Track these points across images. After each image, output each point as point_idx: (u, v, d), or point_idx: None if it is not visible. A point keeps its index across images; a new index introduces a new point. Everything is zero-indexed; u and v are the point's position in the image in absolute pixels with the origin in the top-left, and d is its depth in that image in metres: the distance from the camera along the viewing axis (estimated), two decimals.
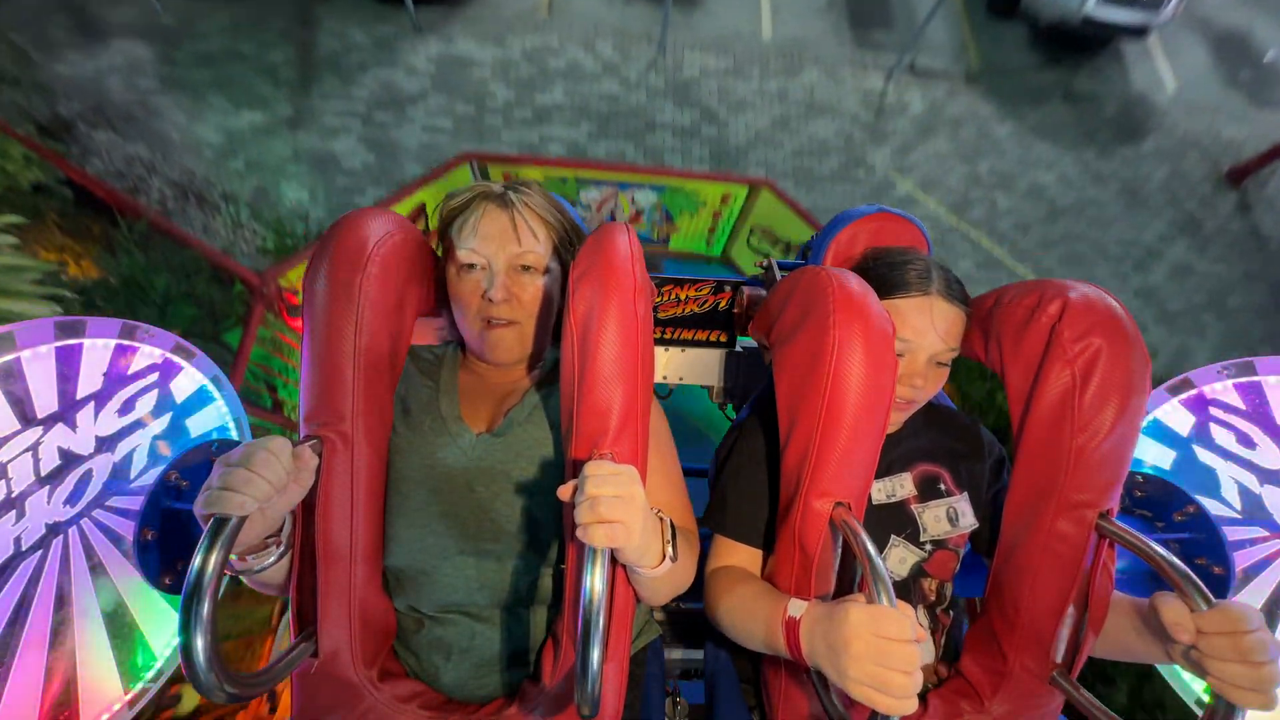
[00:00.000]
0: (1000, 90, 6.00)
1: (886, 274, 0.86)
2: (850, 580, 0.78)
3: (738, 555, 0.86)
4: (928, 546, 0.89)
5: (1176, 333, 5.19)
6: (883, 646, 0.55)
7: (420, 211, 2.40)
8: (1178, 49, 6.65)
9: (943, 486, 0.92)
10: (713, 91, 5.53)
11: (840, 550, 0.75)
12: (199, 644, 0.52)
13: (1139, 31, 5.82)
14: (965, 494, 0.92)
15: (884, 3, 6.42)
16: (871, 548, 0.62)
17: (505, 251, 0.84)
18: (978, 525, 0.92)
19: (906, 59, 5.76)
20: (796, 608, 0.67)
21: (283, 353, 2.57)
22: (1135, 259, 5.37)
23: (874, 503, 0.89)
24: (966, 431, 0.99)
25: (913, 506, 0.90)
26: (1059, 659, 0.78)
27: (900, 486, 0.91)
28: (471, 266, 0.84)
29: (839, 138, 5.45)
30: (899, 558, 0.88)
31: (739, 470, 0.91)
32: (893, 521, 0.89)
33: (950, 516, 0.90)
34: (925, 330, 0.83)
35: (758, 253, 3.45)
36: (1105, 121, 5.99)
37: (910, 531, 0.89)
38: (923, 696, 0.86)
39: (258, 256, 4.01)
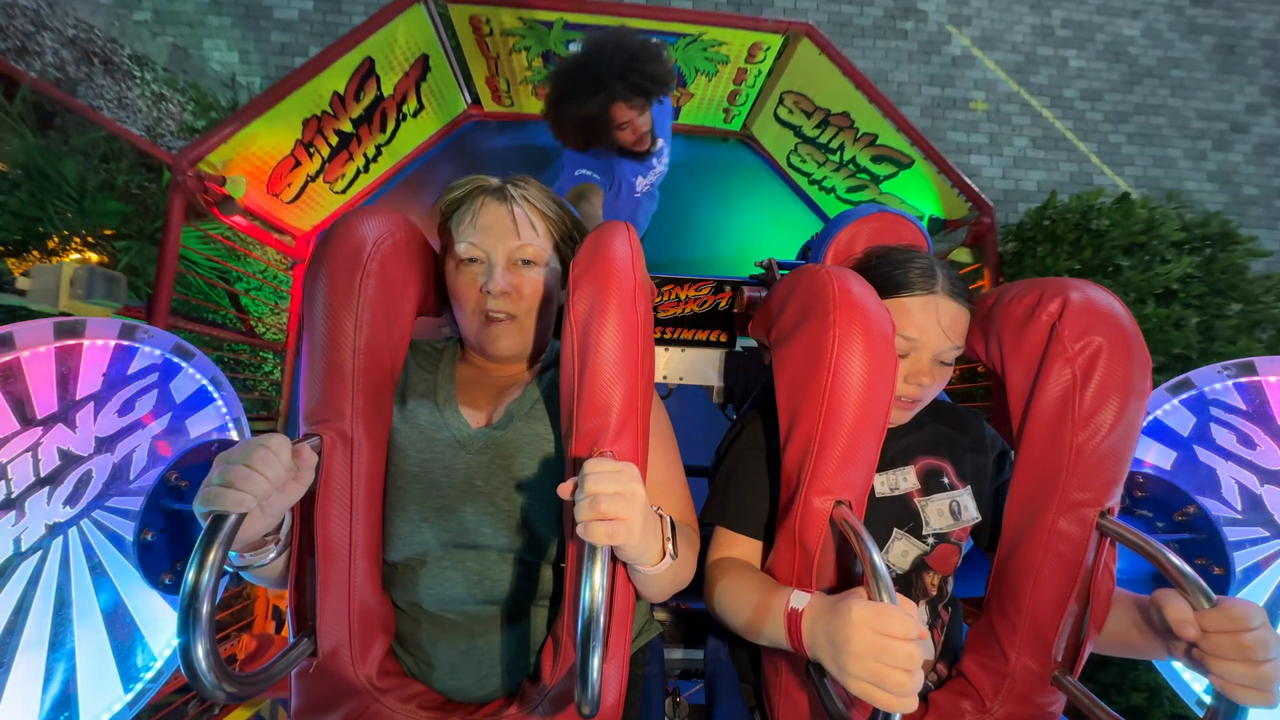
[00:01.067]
0: None
1: (890, 273, 0.86)
2: (851, 579, 0.78)
3: (738, 547, 0.86)
4: (930, 540, 0.89)
5: (1247, 223, 4.36)
6: (884, 643, 0.55)
7: (367, 67, 1.97)
8: None
9: (945, 480, 0.92)
10: None
11: (840, 548, 0.74)
12: (199, 643, 0.52)
13: None
14: (968, 487, 0.92)
15: None
16: (872, 546, 0.62)
17: (504, 245, 0.84)
18: (980, 518, 0.92)
19: None
20: (799, 599, 0.67)
21: (238, 251, 2.23)
22: (1216, 135, 4.56)
23: (876, 496, 0.89)
24: (969, 424, 0.99)
25: (915, 500, 0.90)
26: (1060, 659, 0.78)
27: (903, 480, 0.91)
28: (470, 260, 0.84)
29: None
30: (901, 551, 0.88)
31: (740, 464, 0.91)
32: (895, 515, 0.89)
33: (953, 510, 0.90)
34: (930, 329, 0.83)
35: (787, 127, 2.70)
36: None
37: (913, 525, 0.89)
38: (923, 696, 0.86)
39: (187, 138, 3.25)
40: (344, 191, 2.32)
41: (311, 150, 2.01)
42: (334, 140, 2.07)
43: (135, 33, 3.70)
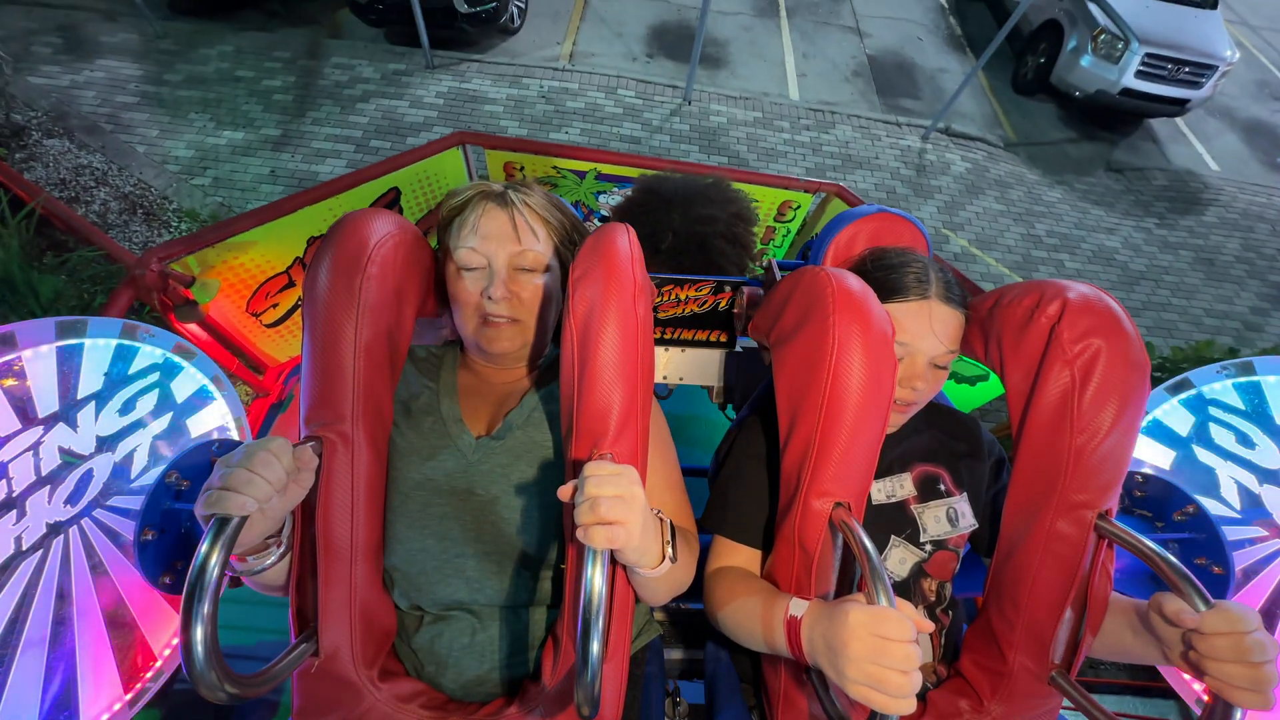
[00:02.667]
0: (1041, 159, 5.76)
1: (884, 278, 0.86)
2: (850, 580, 0.78)
3: (738, 556, 0.86)
4: (928, 547, 0.89)
5: None
6: (881, 646, 0.55)
7: (392, 198, 1.86)
8: (1208, 134, 6.50)
9: (942, 487, 0.92)
10: (741, 139, 5.22)
11: (840, 550, 0.75)
12: (199, 643, 0.52)
13: (1177, 105, 5.66)
14: (965, 494, 0.93)
15: (909, 76, 6.26)
16: (871, 548, 0.62)
17: (505, 250, 0.84)
18: (977, 525, 0.92)
19: (940, 123, 5.53)
20: (798, 606, 0.67)
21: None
22: (1232, 331, 4.97)
23: (874, 503, 0.89)
24: (966, 431, 0.99)
25: (912, 507, 0.90)
26: (1058, 659, 0.78)
27: (900, 487, 0.91)
28: (472, 265, 0.84)
29: (881, 190, 5.16)
30: (899, 558, 0.88)
31: (738, 470, 0.91)
32: (893, 522, 0.89)
33: (950, 517, 0.90)
34: (924, 334, 0.83)
35: None
36: (1158, 192, 5.77)
37: (910, 532, 0.89)
38: (922, 696, 0.86)
39: None
40: None
41: None
42: None
43: (189, 192, 3.98)
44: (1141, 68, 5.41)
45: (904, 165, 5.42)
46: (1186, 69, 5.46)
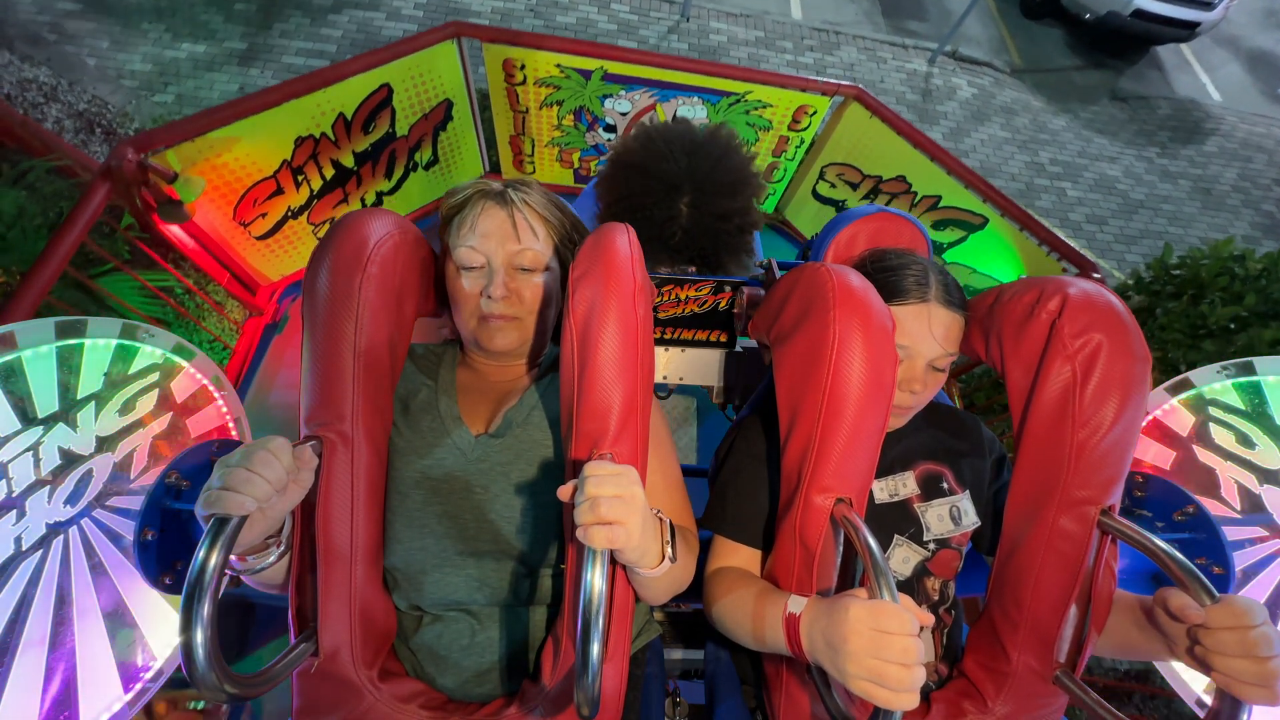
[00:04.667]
0: (1046, 86, 5.75)
1: (884, 280, 0.86)
2: (851, 578, 0.78)
3: (737, 556, 0.85)
4: (931, 546, 0.89)
5: None
6: (882, 640, 0.55)
7: (384, 96, 1.67)
8: (1213, 63, 6.56)
9: (945, 485, 0.92)
10: (743, 60, 4.99)
11: (841, 547, 0.74)
12: (199, 643, 0.52)
13: (1187, 29, 5.67)
14: (967, 492, 0.92)
15: None
16: (873, 542, 0.62)
17: (504, 249, 0.84)
18: (980, 523, 0.92)
19: (947, 46, 5.50)
20: (797, 604, 0.67)
21: (185, 316, 1.78)
22: None
23: (876, 502, 0.89)
24: (967, 429, 0.99)
25: (915, 506, 0.90)
26: (1062, 658, 0.78)
27: (903, 485, 0.91)
28: (471, 264, 0.84)
29: None
30: (902, 557, 0.88)
31: (738, 470, 0.91)
32: (895, 521, 0.89)
33: (953, 515, 0.90)
34: (924, 337, 0.83)
35: (828, 204, 2.47)
36: (1160, 121, 5.80)
37: (913, 531, 0.89)
38: (925, 696, 0.86)
39: None
40: None
41: (300, 178, 1.64)
42: (329, 173, 1.71)
43: (151, 109, 3.70)
44: None
45: (910, 90, 5.32)
46: None
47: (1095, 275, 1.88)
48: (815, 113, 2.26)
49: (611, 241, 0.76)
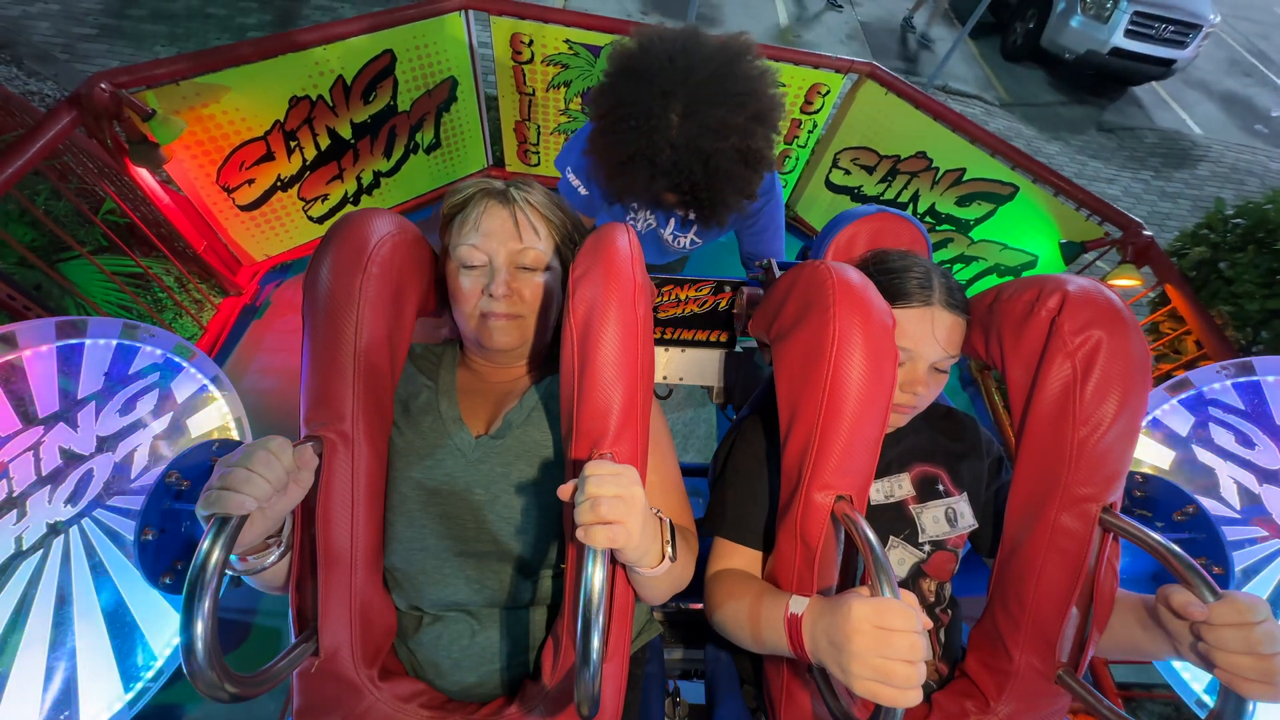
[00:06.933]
0: (1035, 118, 5.95)
1: (887, 283, 0.86)
2: (852, 576, 0.78)
3: (738, 558, 0.85)
4: (926, 547, 0.89)
5: None
6: (885, 638, 0.54)
7: (387, 62, 1.56)
8: (1188, 102, 6.77)
9: (941, 487, 0.92)
10: None
11: (842, 545, 0.74)
12: (200, 643, 0.52)
13: (1164, 66, 5.91)
14: (964, 494, 0.92)
15: (902, 42, 6.44)
16: (874, 538, 0.62)
17: (506, 248, 0.84)
18: (977, 526, 0.92)
19: (937, 80, 5.72)
20: (798, 604, 0.66)
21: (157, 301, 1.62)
22: None
23: (872, 503, 0.89)
24: (964, 430, 0.99)
25: (911, 507, 0.90)
26: (1064, 657, 0.78)
27: (898, 487, 0.91)
28: (473, 263, 0.84)
29: None
30: (898, 559, 0.88)
31: (738, 472, 0.91)
32: (891, 522, 0.89)
33: (949, 517, 0.90)
34: (926, 340, 0.83)
35: (843, 192, 2.36)
36: (1150, 149, 5.98)
37: (909, 533, 0.89)
38: (927, 696, 0.86)
39: None
40: (321, 220, 1.84)
41: (293, 144, 1.53)
42: (325, 142, 1.62)
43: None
44: (1130, 26, 5.63)
45: None
46: (1172, 28, 5.69)
47: (1146, 233, 1.80)
48: (829, 92, 2.17)
49: (612, 241, 0.76)
